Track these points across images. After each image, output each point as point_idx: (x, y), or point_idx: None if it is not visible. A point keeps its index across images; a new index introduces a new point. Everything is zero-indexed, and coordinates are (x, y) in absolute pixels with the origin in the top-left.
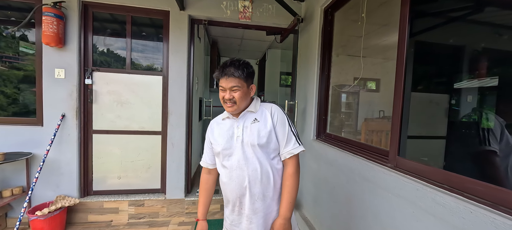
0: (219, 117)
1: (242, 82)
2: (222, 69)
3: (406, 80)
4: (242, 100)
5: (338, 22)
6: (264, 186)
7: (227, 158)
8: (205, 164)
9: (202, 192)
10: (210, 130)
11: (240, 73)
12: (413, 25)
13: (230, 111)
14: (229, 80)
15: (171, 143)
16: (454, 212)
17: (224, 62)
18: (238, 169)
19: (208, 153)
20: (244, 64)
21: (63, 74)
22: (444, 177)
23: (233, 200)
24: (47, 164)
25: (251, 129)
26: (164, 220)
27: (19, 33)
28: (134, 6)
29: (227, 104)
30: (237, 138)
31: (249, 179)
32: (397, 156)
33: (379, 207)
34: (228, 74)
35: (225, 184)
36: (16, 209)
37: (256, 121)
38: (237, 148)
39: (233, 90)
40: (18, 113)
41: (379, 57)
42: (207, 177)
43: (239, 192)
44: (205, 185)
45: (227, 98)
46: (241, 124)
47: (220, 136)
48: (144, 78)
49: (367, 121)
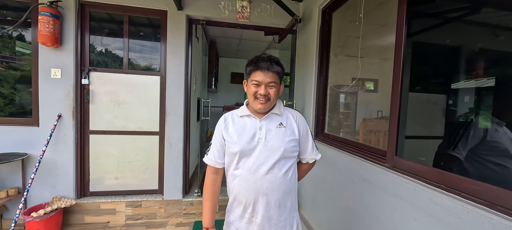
0: (236, 113)
1: (278, 80)
2: (259, 62)
3: (403, 81)
4: (275, 99)
5: (336, 22)
6: (281, 194)
7: (245, 159)
8: (213, 162)
9: (209, 195)
10: (223, 126)
11: (279, 69)
12: (411, 26)
13: (262, 108)
14: (267, 75)
15: (169, 143)
16: (451, 212)
17: (261, 56)
18: (256, 173)
19: (219, 150)
20: (280, 63)
21: (60, 74)
22: (441, 177)
23: (246, 204)
24: (43, 165)
25: (275, 133)
26: (162, 221)
27: (16, 33)
28: (132, 5)
29: (260, 101)
30: (259, 139)
31: (267, 185)
32: (395, 156)
33: (378, 207)
34: (267, 69)
35: (238, 186)
36: (11, 210)
37: (281, 125)
38: (257, 151)
39: (269, 86)
40: (15, 113)
41: (377, 58)
42: (214, 178)
43: (254, 198)
44: (212, 187)
45: (262, 94)
46: (265, 125)
47: (237, 134)
48: (142, 78)
49: (365, 121)
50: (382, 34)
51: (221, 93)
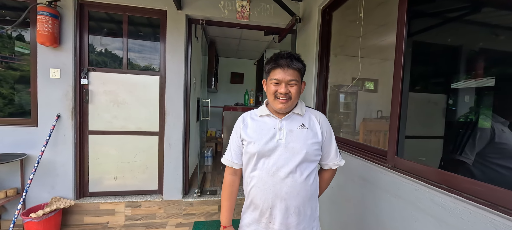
0: (255, 112)
1: (299, 77)
2: (278, 59)
3: (404, 81)
4: (297, 98)
5: (336, 22)
6: (301, 200)
7: (263, 161)
8: (231, 163)
9: (227, 195)
10: (242, 125)
11: (300, 65)
12: (411, 25)
13: (282, 108)
14: (287, 73)
15: (169, 143)
16: (453, 213)
17: (280, 53)
18: (276, 176)
19: (236, 151)
20: (300, 59)
21: (59, 74)
22: (442, 177)
23: (263, 208)
24: (42, 165)
25: (297, 134)
26: (161, 222)
27: (15, 33)
28: (131, 5)
29: (280, 100)
30: (279, 141)
31: (287, 189)
32: (395, 156)
33: (378, 207)
34: (287, 66)
35: (256, 188)
36: (10, 211)
37: (303, 126)
38: (277, 152)
39: (290, 84)
40: (14, 114)
41: (377, 58)
42: (233, 179)
43: (272, 202)
44: (231, 187)
45: (283, 92)
46: (285, 126)
47: (257, 134)
48: (141, 78)
49: (365, 121)
50: (382, 34)
51: (220, 93)
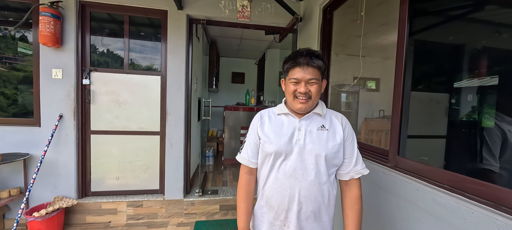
0: (273, 110)
1: (320, 75)
2: (297, 57)
3: (405, 79)
4: (317, 97)
5: (337, 21)
6: (318, 204)
7: (280, 162)
8: (247, 161)
9: (244, 196)
10: (259, 123)
11: (320, 63)
12: (413, 24)
13: (302, 108)
14: (307, 71)
15: (170, 143)
16: (455, 213)
17: (298, 51)
18: (293, 178)
19: (253, 149)
20: (321, 56)
21: (61, 75)
22: (444, 177)
23: (277, 210)
24: (44, 165)
25: (317, 135)
26: (163, 221)
27: (19, 34)
28: (132, 5)
29: (300, 100)
30: (297, 141)
31: (304, 192)
32: (397, 156)
33: (380, 207)
34: (307, 64)
35: (271, 190)
36: (13, 210)
37: (323, 128)
38: (294, 153)
39: (310, 83)
40: (18, 114)
41: (378, 57)
42: (249, 179)
43: (288, 205)
44: (247, 187)
45: (302, 92)
46: (305, 126)
47: (274, 133)
48: (143, 78)
49: (367, 120)
50: (383, 33)
51: (222, 93)
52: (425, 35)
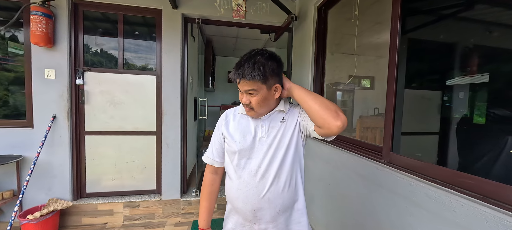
0: (237, 109)
1: (259, 85)
2: (236, 68)
3: (398, 78)
4: (262, 106)
5: (332, 20)
6: (289, 198)
7: (245, 161)
8: (211, 161)
9: (206, 195)
10: (224, 122)
11: (255, 74)
12: (405, 23)
13: (251, 116)
14: (243, 83)
15: (166, 143)
16: (446, 206)
17: (240, 59)
18: (258, 175)
19: (217, 149)
20: (261, 63)
21: (53, 75)
22: (436, 172)
23: (244, 212)
24: (38, 167)
25: (279, 129)
26: (160, 221)
27: (9, 33)
28: (126, 4)
29: (246, 109)
30: (261, 139)
31: (271, 189)
32: (391, 152)
33: (374, 202)
34: (241, 76)
35: (237, 191)
36: (6, 213)
37: (284, 120)
38: (259, 151)
39: (249, 94)
40: (9, 115)
41: (372, 55)
42: (213, 178)
43: (256, 205)
44: (210, 187)
45: (244, 102)
46: (267, 123)
47: (238, 131)
48: (138, 78)
49: (362, 118)
50: (377, 32)
51: (218, 92)
52: (417, 33)
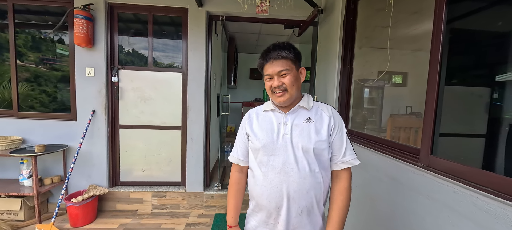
0: (260, 108)
1: (291, 65)
2: (266, 54)
3: (441, 73)
4: (294, 86)
5: (362, 11)
6: (311, 199)
7: (268, 157)
8: (237, 160)
9: (233, 193)
10: (247, 121)
11: (287, 53)
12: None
13: (281, 102)
14: (275, 64)
15: (191, 137)
16: (500, 219)
17: (267, 47)
18: (283, 173)
19: (242, 148)
20: (289, 45)
21: (93, 73)
22: (488, 179)
23: (269, 209)
24: (80, 156)
25: (303, 129)
26: (185, 212)
27: (57, 36)
28: (155, 5)
29: (277, 94)
30: (284, 136)
31: (295, 188)
32: (430, 155)
33: (408, 208)
34: (273, 57)
35: (261, 187)
36: (55, 195)
37: (309, 120)
38: (282, 148)
39: (281, 75)
40: (57, 110)
41: (408, 49)
42: (239, 176)
43: (279, 202)
44: (237, 185)
45: (276, 85)
46: (291, 120)
47: (261, 129)
48: (165, 75)
49: (393, 117)
50: (414, 22)
51: (240, 89)
52: (462, 23)
